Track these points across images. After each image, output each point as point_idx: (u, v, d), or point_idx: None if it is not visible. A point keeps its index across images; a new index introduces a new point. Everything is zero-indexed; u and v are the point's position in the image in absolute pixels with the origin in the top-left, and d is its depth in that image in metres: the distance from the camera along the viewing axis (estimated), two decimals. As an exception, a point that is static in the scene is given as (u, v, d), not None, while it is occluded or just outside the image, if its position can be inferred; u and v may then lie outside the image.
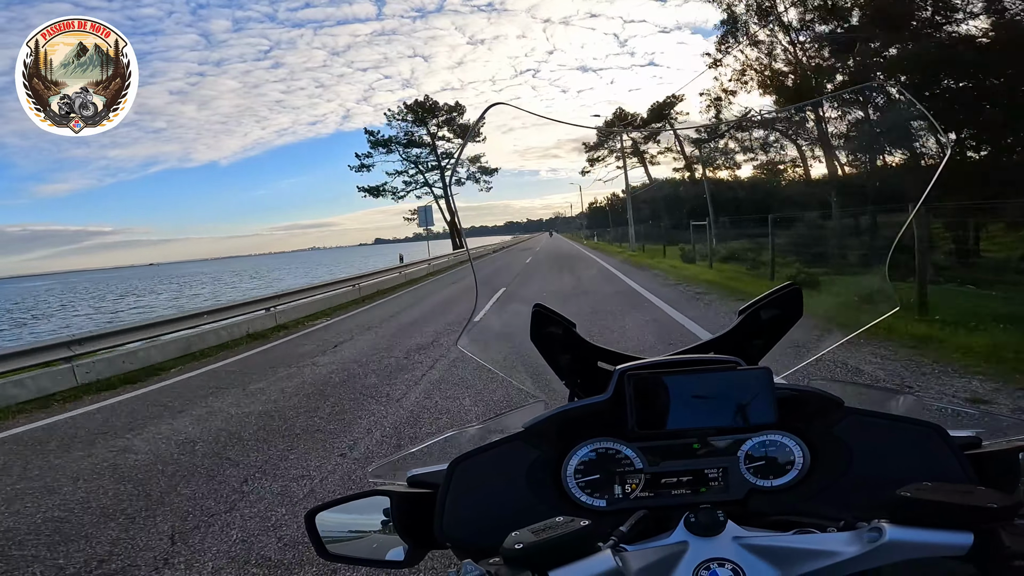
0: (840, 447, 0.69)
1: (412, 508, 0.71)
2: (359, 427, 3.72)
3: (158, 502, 2.82)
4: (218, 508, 2.69)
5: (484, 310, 1.08)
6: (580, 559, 0.49)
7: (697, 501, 0.68)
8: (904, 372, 3.89)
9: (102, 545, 2.44)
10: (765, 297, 0.88)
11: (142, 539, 2.45)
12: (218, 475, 3.09)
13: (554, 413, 0.73)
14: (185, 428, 4.05)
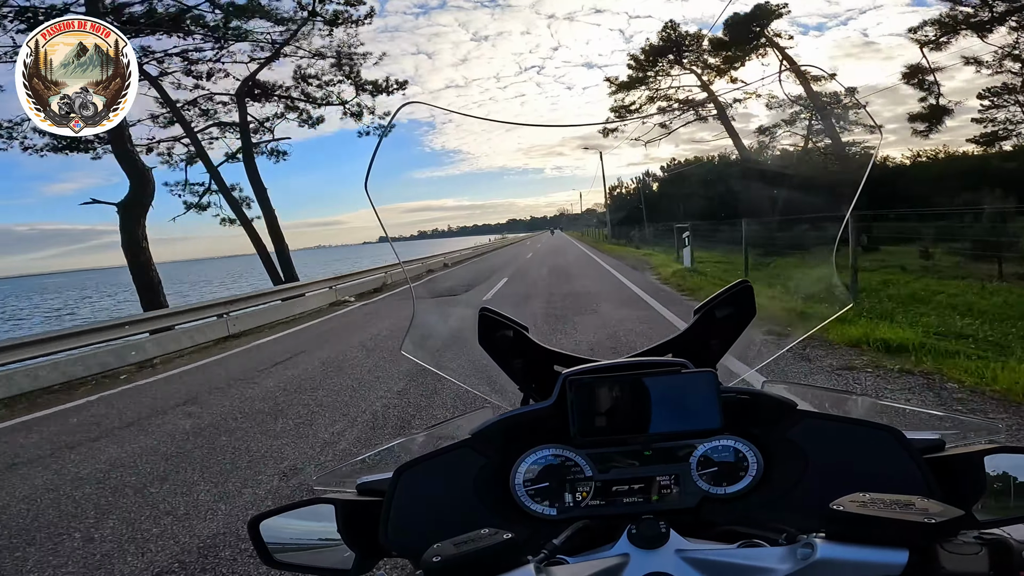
0: (794, 452, 0.67)
1: (360, 516, 0.70)
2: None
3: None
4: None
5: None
6: (500, 574, 0.47)
7: (649, 509, 0.67)
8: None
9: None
10: (718, 295, 0.85)
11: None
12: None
13: (500, 419, 0.72)
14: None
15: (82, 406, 5.38)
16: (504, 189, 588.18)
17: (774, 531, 0.55)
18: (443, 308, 1.33)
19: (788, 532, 0.53)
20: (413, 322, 1.02)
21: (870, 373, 4.02)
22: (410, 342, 1.00)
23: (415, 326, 1.02)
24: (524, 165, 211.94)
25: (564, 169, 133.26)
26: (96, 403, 5.45)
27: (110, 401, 5.48)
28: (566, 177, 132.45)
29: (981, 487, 0.61)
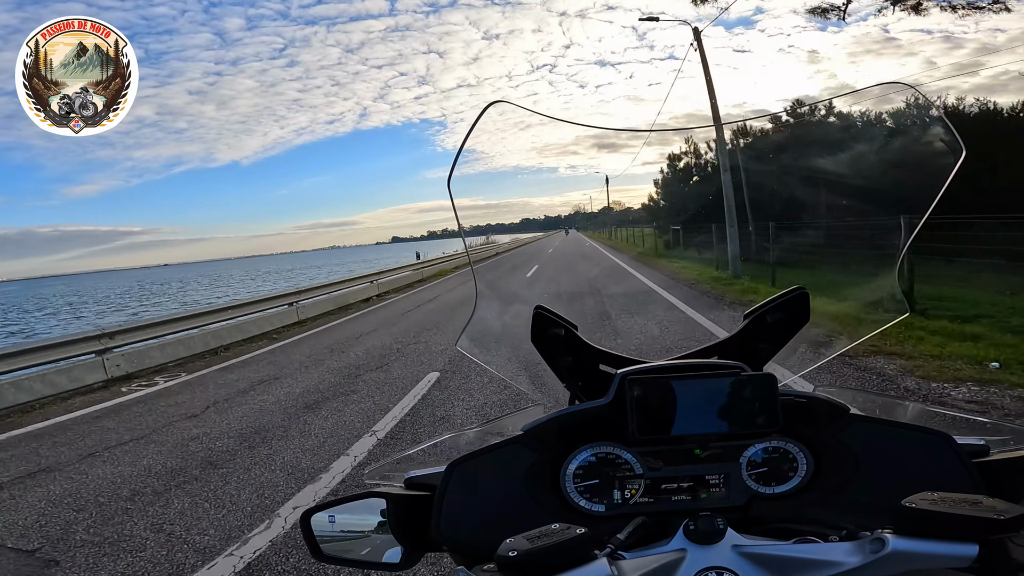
0: (845, 455, 0.68)
1: (409, 510, 0.71)
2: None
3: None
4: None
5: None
6: (575, 567, 0.48)
7: (697, 507, 0.68)
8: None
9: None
10: (772, 301, 0.86)
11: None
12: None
13: (553, 416, 0.72)
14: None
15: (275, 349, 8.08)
16: (518, 188, 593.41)
17: (830, 528, 0.56)
18: (499, 306, 1.34)
19: (848, 529, 0.53)
20: (473, 318, 1.01)
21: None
22: (467, 338, 1.00)
23: (474, 322, 1.01)
24: (539, 164, 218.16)
25: (578, 168, 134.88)
26: (282, 348, 8.13)
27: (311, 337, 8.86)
28: (580, 176, 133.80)
29: (1022, 491, 0.62)
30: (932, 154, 0.94)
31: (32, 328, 23.80)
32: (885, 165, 1.59)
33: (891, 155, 1.57)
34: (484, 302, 1.06)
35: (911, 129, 1.35)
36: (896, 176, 1.22)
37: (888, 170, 1.49)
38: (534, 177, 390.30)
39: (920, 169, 0.94)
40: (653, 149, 45.14)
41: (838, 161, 5.00)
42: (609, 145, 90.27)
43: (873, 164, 2.80)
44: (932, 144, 0.95)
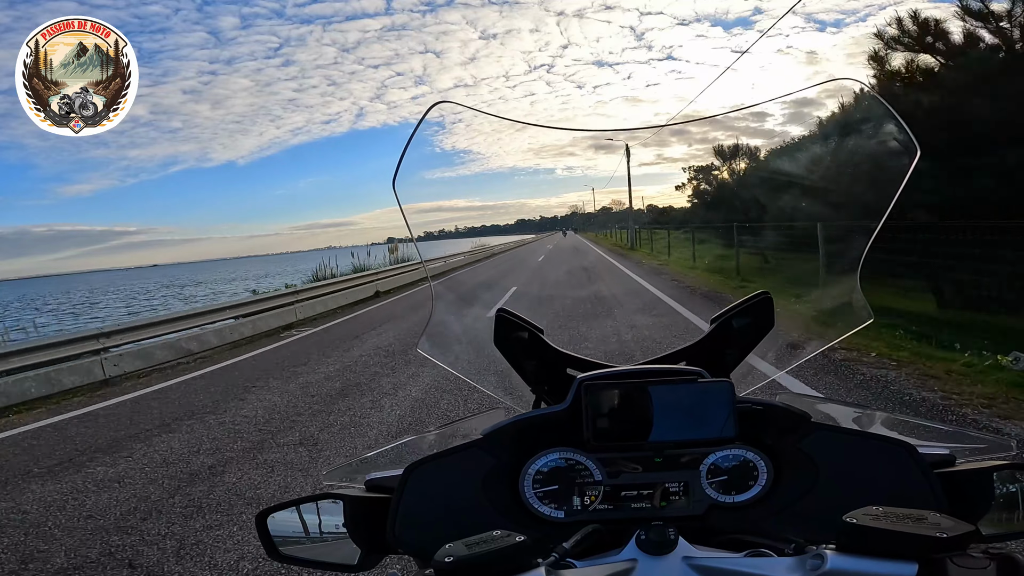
0: (805, 464, 0.67)
1: (368, 512, 0.70)
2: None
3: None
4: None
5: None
6: (512, 575, 0.47)
7: (657, 516, 0.67)
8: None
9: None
10: (737, 305, 0.85)
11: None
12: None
13: (512, 421, 0.72)
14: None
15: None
16: (515, 189, 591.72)
17: (782, 541, 0.55)
18: (460, 307, 1.33)
19: (796, 543, 0.52)
20: (431, 320, 1.00)
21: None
22: (427, 340, 0.98)
23: (433, 324, 1.00)
24: (535, 165, 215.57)
25: (575, 169, 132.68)
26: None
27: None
28: (577, 177, 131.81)
29: (988, 502, 0.61)
30: (887, 155, 0.95)
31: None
32: (841, 167, 1.59)
33: (846, 157, 1.58)
34: (442, 304, 1.05)
35: (865, 130, 1.34)
36: (852, 178, 1.24)
37: (844, 172, 1.50)
38: (531, 178, 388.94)
39: (876, 171, 0.94)
40: (650, 151, 44.08)
41: (793, 163, 4.92)
42: (606, 146, 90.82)
43: (828, 166, 2.79)
44: (887, 145, 0.96)
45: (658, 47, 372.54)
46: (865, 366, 4.37)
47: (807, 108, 13.69)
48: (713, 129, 23.32)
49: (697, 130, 14.01)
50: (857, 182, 1.08)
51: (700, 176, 18.95)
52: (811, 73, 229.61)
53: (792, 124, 14.36)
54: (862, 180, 0.98)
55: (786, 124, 14.18)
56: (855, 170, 1.18)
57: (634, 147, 14.44)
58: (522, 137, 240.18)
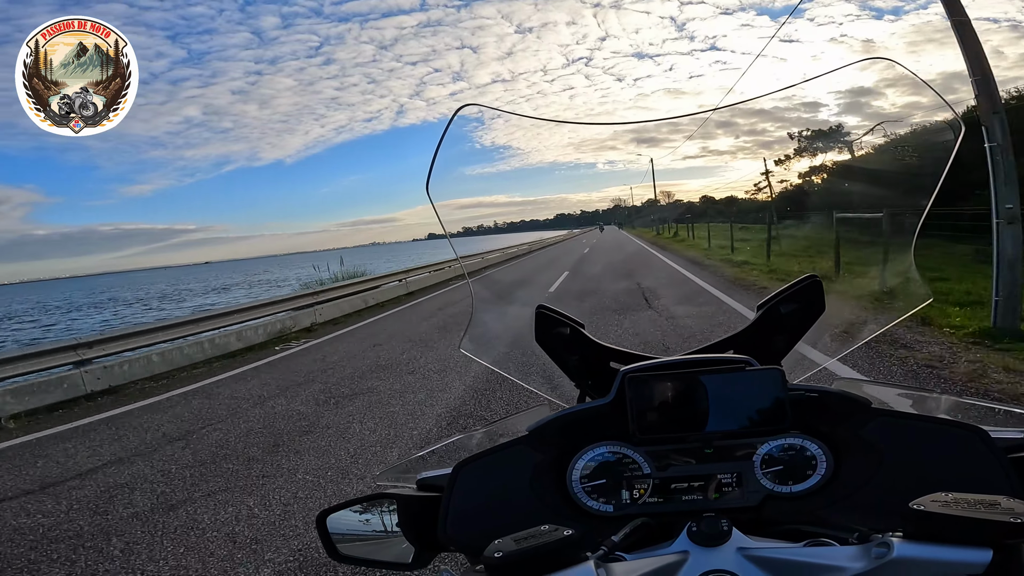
0: (868, 452, 0.65)
1: (419, 511, 0.71)
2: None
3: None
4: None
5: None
6: (561, 570, 0.47)
7: (709, 507, 0.66)
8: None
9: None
10: (784, 291, 0.82)
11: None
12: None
13: (557, 416, 0.71)
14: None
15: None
16: (555, 184, 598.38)
17: (843, 530, 0.53)
18: (502, 306, 1.34)
19: (860, 531, 0.51)
20: (472, 319, 1.00)
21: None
22: (469, 340, 0.98)
23: (474, 323, 1.00)
24: (576, 160, 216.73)
25: (616, 164, 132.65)
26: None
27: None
28: (618, 172, 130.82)
29: None
30: (932, 134, 0.93)
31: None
32: (886, 148, 1.58)
33: (890, 138, 1.57)
34: (481, 303, 1.04)
35: (906, 110, 1.33)
36: (899, 159, 1.23)
37: (889, 153, 1.49)
38: (571, 173, 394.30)
39: (921, 151, 0.93)
40: (695, 144, 42.24)
41: (836, 147, 4.88)
42: (649, 139, 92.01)
43: (874, 148, 2.77)
44: (930, 125, 0.94)
45: (700, 37, 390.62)
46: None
47: (852, 95, 13.30)
48: (761, 120, 22.26)
49: (744, 121, 13.35)
50: (903, 162, 1.07)
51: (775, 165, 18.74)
52: (867, 63, 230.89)
53: (841, 110, 14.18)
54: (909, 160, 0.97)
55: (839, 111, 13.89)
56: (901, 151, 1.17)
57: (677, 140, 12.89)
58: (562, 132, 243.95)
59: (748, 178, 21.02)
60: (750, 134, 11.10)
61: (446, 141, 0.85)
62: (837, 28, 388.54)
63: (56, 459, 4.03)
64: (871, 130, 6.37)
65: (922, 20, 46.48)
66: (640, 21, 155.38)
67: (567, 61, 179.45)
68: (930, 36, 32.10)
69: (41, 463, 3.97)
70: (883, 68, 0.97)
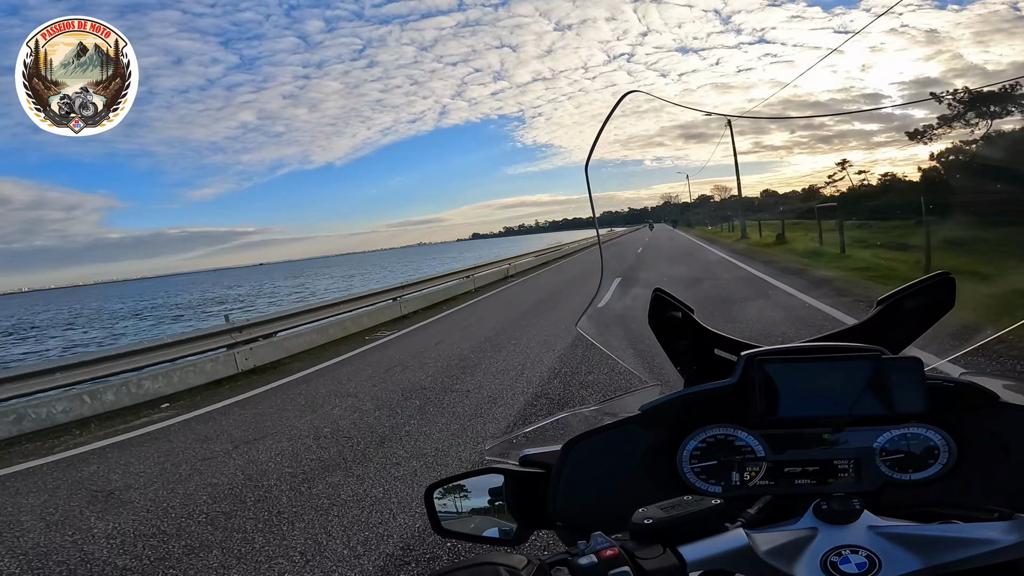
0: (993, 444, 0.65)
1: (523, 487, 0.73)
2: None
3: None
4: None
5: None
6: (708, 536, 0.49)
7: (823, 492, 0.64)
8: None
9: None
10: (912, 286, 0.82)
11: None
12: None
13: (675, 396, 0.72)
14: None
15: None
16: (602, 181, 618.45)
17: (979, 511, 0.54)
18: (617, 290, 1.40)
19: (1000, 511, 0.51)
20: (593, 302, 1.02)
21: None
22: (586, 319, 1.01)
23: (593, 304, 1.02)
24: (623, 157, 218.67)
25: (664, 160, 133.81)
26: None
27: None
28: (666, 169, 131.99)
29: None
30: None
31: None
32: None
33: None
34: (604, 286, 1.07)
35: None
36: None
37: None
38: (619, 170, 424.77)
39: None
40: (747, 139, 40.16)
41: (995, 150, 4.70)
42: (697, 135, 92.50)
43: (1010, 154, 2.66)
44: None
45: (748, 30, 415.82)
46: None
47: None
48: (814, 112, 20.77)
49: (798, 114, 13.04)
50: None
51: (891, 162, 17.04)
52: (931, 53, 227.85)
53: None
54: None
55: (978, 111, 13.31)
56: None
57: (726, 135, 12.95)
58: (607, 128, 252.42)
59: (812, 172, 19.63)
60: (806, 129, 10.31)
61: (483, 140, 0.83)
62: (897, 19, 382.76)
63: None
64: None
65: (988, 10, 46.23)
66: (682, 15, 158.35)
67: (608, 57, 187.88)
68: (998, 26, 31.47)
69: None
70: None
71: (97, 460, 4.60)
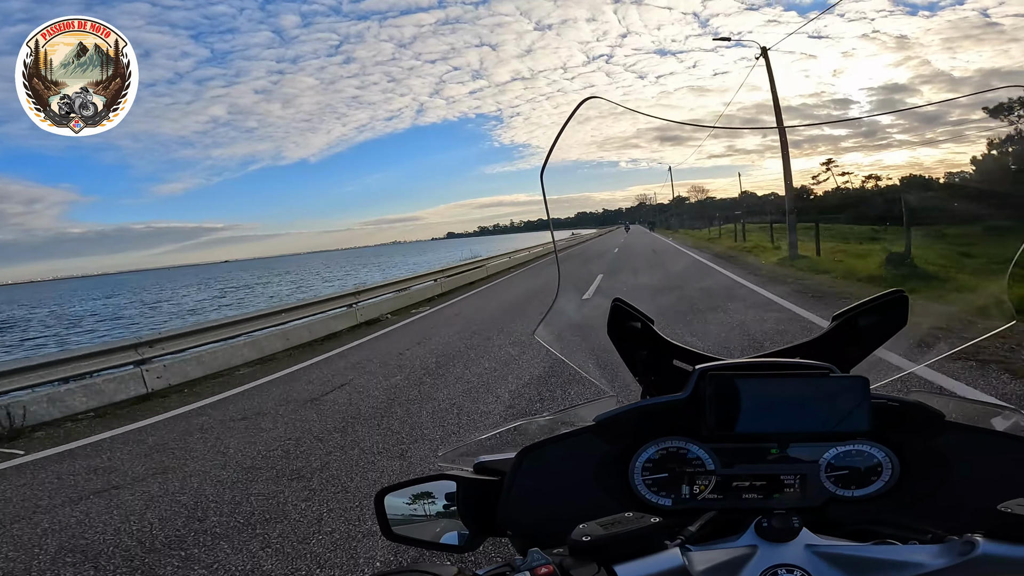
0: (936, 463, 0.65)
1: (477, 494, 0.72)
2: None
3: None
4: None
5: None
6: (647, 555, 0.49)
7: (769, 507, 0.66)
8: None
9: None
10: (866, 303, 0.83)
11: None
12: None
13: (629, 408, 0.72)
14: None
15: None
16: (578, 183, 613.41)
17: (915, 532, 0.54)
18: (577, 297, 1.36)
19: (934, 533, 0.52)
20: (552, 309, 1.02)
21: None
22: (544, 327, 1.00)
23: (553, 312, 1.02)
24: (598, 158, 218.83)
25: (640, 162, 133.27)
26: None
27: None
28: (642, 170, 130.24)
29: None
30: None
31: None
32: (1003, 168, 1.55)
33: (1008, 157, 1.53)
34: (564, 293, 1.07)
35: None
36: (1014, 177, 1.20)
37: (1006, 172, 1.46)
38: (594, 171, 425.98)
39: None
40: (720, 142, 39.96)
41: (949, 164, 4.68)
42: (672, 138, 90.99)
43: (988, 166, 2.70)
44: None
45: (725, 33, 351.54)
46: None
47: (967, 112, 12.66)
48: (789, 116, 20.41)
49: (770, 119, 12.61)
50: (1018, 182, 1.04)
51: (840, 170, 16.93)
52: (901, 59, 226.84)
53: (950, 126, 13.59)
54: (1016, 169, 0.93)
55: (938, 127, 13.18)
56: (1015, 171, 1.15)
57: (704, 139, 13.10)
58: (585, 129, 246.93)
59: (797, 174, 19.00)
60: (777, 134, 10.36)
61: (462, 139, 0.84)
62: (869, 24, 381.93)
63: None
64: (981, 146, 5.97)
65: (958, 16, 46.03)
66: (662, 17, 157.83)
67: (588, 58, 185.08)
68: (967, 33, 31.47)
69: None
70: (1005, 93, 0.91)
71: None
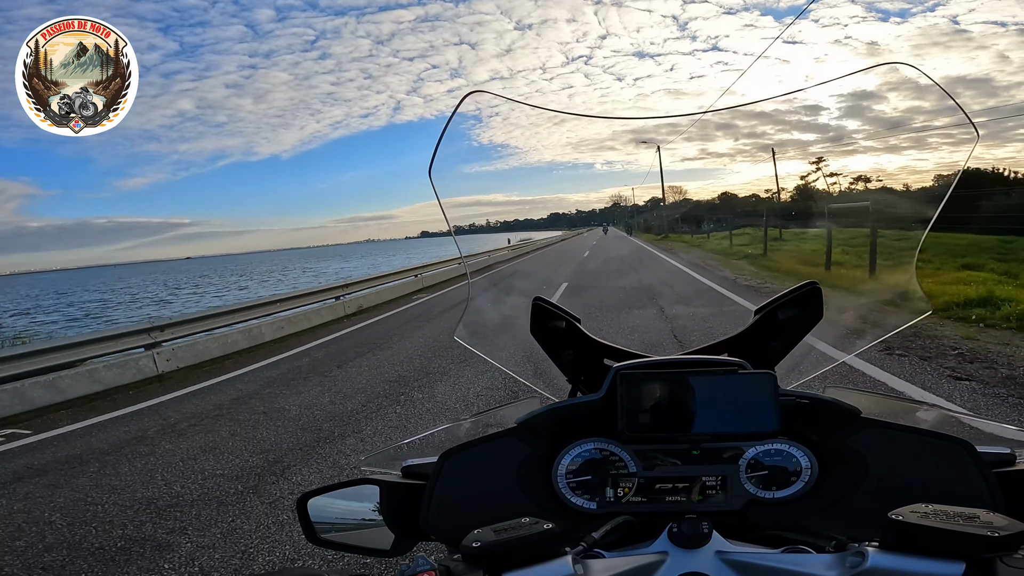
0: (854, 461, 0.64)
1: (403, 498, 0.70)
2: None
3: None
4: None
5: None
6: (539, 563, 0.47)
7: (692, 509, 0.66)
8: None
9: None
10: (783, 296, 0.82)
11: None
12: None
13: (547, 409, 0.71)
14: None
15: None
16: (553, 184, 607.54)
17: (822, 538, 0.54)
18: (498, 295, 1.34)
19: (837, 540, 0.51)
20: (468, 308, 1.00)
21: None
22: (463, 327, 0.98)
23: (470, 312, 1.00)
24: (574, 160, 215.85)
25: (615, 164, 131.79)
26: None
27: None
28: (617, 172, 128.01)
29: None
30: (945, 140, 0.92)
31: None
32: (895, 153, 1.55)
33: (900, 142, 1.54)
34: (478, 292, 1.07)
35: (920, 116, 1.27)
36: (908, 164, 1.20)
37: (898, 158, 1.46)
38: (569, 173, 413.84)
39: (933, 156, 0.91)
40: (693, 145, 39.82)
41: (843, 151, 4.69)
42: (648, 140, 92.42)
43: (885, 154, 2.70)
44: (944, 130, 0.93)
45: (703, 37, 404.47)
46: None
47: (862, 99, 12.93)
48: (762, 123, 20.77)
49: (744, 123, 12.30)
50: (914, 167, 1.05)
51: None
52: (870, 65, 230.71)
53: (845, 114, 13.97)
54: (920, 167, 0.94)
55: (840, 115, 13.53)
56: (911, 155, 1.15)
57: (677, 141, 12.87)
58: (561, 131, 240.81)
59: (751, 182, 20.49)
60: (750, 137, 10.50)
61: (449, 133, 0.84)
62: (842, 30, 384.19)
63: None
64: (881, 135, 6.19)
65: (928, 23, 45.74)
66: (642, 19, 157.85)
67: (567, 59, 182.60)
68: (935, 39, 31.35)
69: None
70: (887, 71, 0.94)
71: None
